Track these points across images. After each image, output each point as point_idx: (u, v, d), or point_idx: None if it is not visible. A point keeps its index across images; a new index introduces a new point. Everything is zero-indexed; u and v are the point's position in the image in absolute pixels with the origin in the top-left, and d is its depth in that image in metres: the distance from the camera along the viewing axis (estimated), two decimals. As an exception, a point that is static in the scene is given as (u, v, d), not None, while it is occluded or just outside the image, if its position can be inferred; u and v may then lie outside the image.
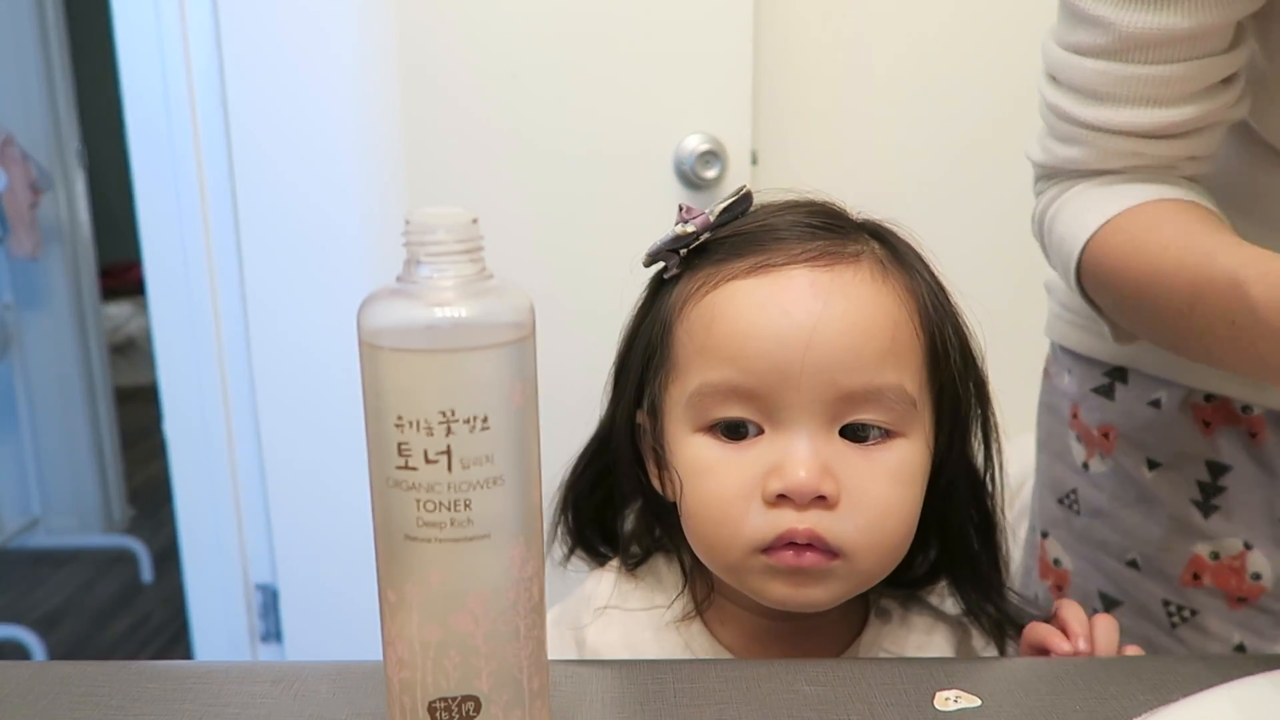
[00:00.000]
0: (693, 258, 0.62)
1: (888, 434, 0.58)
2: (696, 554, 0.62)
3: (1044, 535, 0.86)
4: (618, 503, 0.69)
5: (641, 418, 0.65)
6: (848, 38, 1.62)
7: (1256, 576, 0.74)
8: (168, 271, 1.79)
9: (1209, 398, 0.74)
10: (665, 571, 0.68)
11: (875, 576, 0.60)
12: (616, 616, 0.67)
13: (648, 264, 0.64)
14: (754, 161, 1.56)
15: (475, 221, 0.43)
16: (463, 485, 0.42)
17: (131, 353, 4.35)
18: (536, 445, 0.44)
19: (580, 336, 1.63)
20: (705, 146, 1.51)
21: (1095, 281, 0.67)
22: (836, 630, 0.66)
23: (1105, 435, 0.79)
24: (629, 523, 0.70)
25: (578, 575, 0.72)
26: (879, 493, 0.57)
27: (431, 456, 0.42)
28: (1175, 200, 0.65)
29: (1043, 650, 0.62)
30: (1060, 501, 0.84)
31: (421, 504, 0.42)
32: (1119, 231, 0.64)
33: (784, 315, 0.57)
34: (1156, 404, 0.76)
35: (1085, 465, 0.81)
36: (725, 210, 0.60)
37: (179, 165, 1.73)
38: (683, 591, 0.66)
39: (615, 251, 1.55)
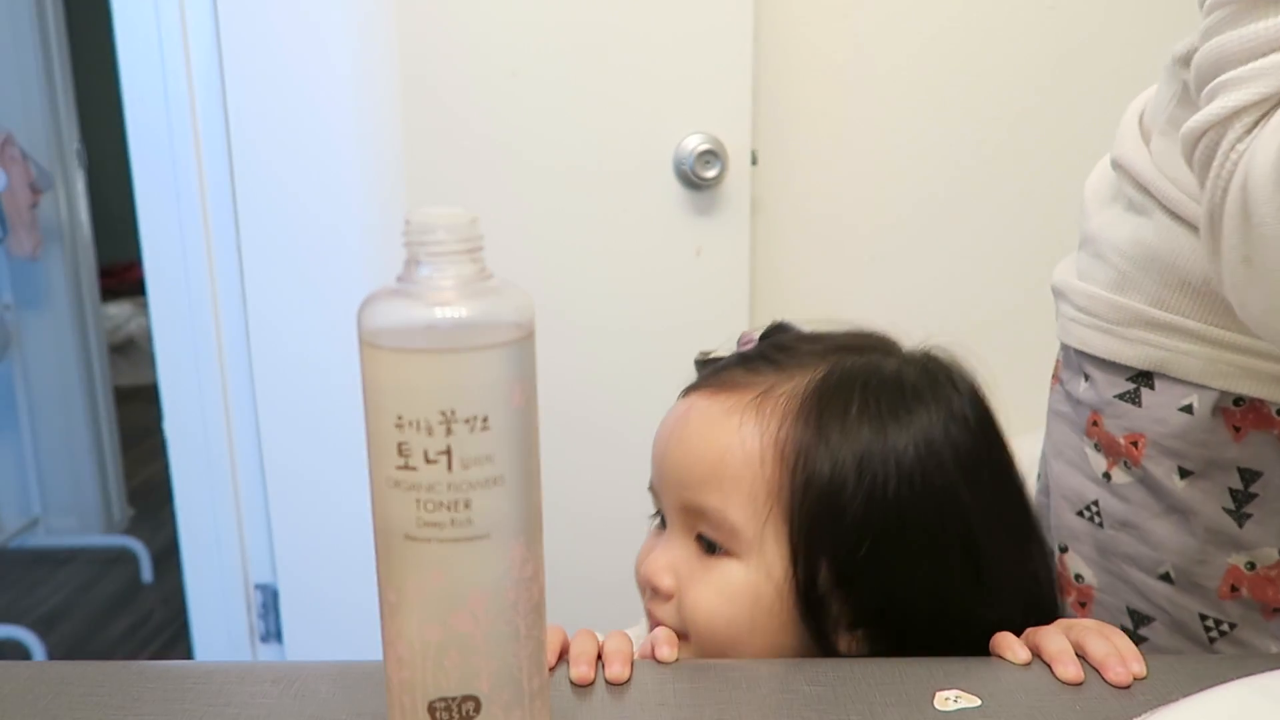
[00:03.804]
0: None
1: (727, 551, 0.64)
2: None
3: (1063, 550, 0.82)
4: None
5: None
6: (848, 38, 1.62)
7: None
8: (168, 271, 1.79)
9: (1238, 401, 0.71)
10: None
11: (737, 655, 0.63)
12: None
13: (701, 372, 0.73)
14: (754, 161, 1.56)
15: (475, 221, 0.43)
16: (463, 485, 0.42)
17: (131, 353, 4.35)
18: (536, 445, 0.44)
19: (581, 335, 1.63)
20: (705, 146, 1.51)
21: None
22: None
23: (1134, 444, 0.76)
24: None
25: (576, 575, 0.72)
26: (703, 599, 0.64)
27: (431, 456, 0.42)
28: None
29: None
30: (1080, 514, 0.80)
31: (421, 504, 0.42)
32: None
33: (662, 429, 0.68)
34: (1188, 409, 0.73)
35: (1107, 475, 0.78)
36: (761, 338, 0.71)
37: (179, 165, 1.73)
38: None
39: (615, 250, 1.57)
